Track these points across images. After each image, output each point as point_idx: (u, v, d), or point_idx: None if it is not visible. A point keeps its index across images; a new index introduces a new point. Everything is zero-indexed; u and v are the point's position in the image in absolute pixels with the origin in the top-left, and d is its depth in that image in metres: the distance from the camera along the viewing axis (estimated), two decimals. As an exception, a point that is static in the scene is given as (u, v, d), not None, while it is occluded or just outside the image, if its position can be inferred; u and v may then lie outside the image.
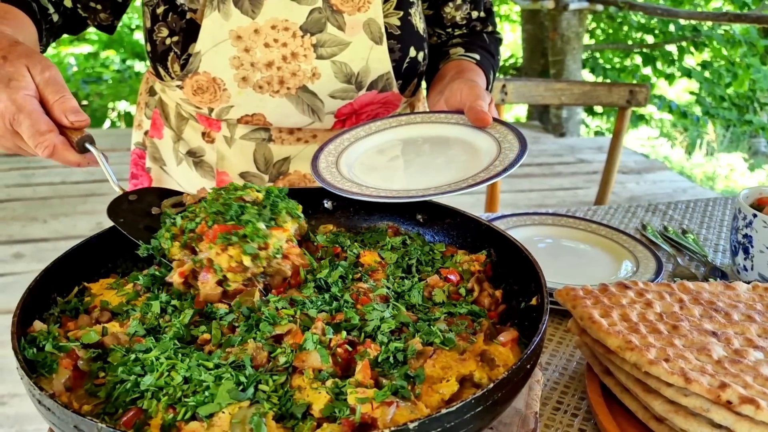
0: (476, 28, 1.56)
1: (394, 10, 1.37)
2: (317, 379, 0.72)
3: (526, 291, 0.89)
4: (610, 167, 2.84)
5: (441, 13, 1.51)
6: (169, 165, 1.54)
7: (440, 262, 1.01)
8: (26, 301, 0.81)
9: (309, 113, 1.37)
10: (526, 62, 7.68)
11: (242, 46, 1.29)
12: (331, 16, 1.30)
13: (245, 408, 0.67)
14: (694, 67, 7.03)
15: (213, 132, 1.44)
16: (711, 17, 5.77)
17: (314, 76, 1.33)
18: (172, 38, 1.31)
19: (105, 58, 8.78)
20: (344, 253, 1.00)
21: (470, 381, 0.75)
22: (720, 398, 0.78)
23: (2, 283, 3.66)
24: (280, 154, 1.44)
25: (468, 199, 4.99)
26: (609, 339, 0.89)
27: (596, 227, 1.46)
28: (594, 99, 2.87)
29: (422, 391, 0.71)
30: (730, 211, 1.71)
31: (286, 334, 0.79)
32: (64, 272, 0.91)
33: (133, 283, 0.93)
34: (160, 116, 1.52)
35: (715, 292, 1.02)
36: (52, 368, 0.73)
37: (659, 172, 5.90)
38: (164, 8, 1.31)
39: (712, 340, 0.89)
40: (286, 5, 1.28)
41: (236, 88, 1.32)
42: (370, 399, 0.67)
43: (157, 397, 0.69)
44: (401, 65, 1.40)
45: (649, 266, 1.29)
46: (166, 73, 1.35)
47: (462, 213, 1.05)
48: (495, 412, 0.68)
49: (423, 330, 0.81)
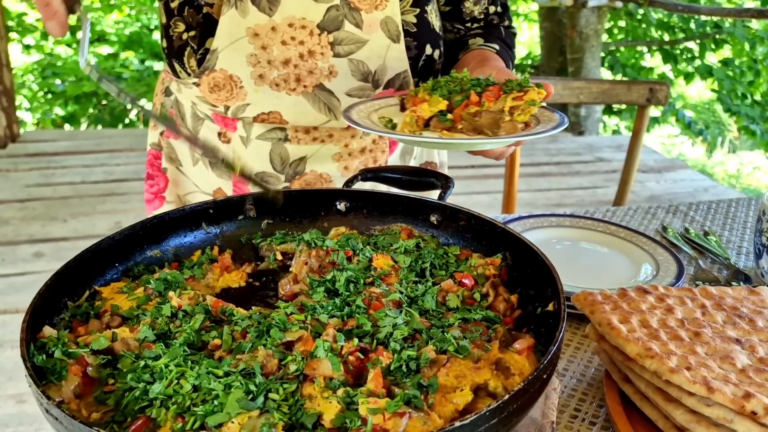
0: (493, 22, 1.56)
1: (410, 7, 1.36)
2: (328, 388, 0.70)
3: (543, 296, 0.87)
4: (630, 166, 2.79)
5: (461, 7, 1.51)
6: (185, 165, 1.54)
7: (454, 266, 0.99)
8: (36, 305, 0.80)
9: (325, 111, 1.37)
10: (544, 60, 7.61)
11: (259, 43, 1.28)
12: (348, 14, 1.30)
13: (255, 418, 0.66)
14: (716, 64, 6.92)
15: (229, 132, 1.44)
16: (733, 13, 5.68)
17: (331, 74, 1.32)
18: (189, 33, 1.31)
19: (124, 59, 8.86)
20: (356, 257, 0.99)
21: (485, 390, 0.73)
22: (744, 408, 0.76)
23: (23, 282, 3.71)
24: (296, 153, 1.43)
25: (485, 199, 4.97)
26: (628, 346, 0.87)
27: (615, 229, 1.43)
28: (613, 97, 2.83)
29: (435, 401, 0.69)
30: (753, 212, 1.67)
31: (297, 340, 0.77)
32: (75, 277, 0.90)
33: (144, 287, 0.92)
34: (176, 116, 1.52)
35: (738, 298, 0.99)
36: (61, 375, 0.73)
37: (680, 171, 5.82)
38: (179, 2, 1.31)
39: (735, 347, 0.86)
40: (303, 3, 1.28)
41: (253, 85, 1.32)
42: (382, 410, 0.65)
43: (166, 405, 0.68)
44: (417, 63, 1.39)
45: (669, 269, 1.26)
46: (182, 69, 1.35)
47: (476, 215, 1.03)
48: (510, 423, 0.66)
49: (437, 337, 0.79)
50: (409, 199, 1.09)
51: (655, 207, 1.68)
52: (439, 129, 1.13)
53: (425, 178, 1.22)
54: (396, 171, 1.25)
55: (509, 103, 1.09)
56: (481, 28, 1.55)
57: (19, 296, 3.56)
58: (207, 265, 1.03)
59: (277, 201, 1.11)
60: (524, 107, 1.10)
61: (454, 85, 1.17)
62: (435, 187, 1.19)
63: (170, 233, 1.04)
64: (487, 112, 1.10)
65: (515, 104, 1.10)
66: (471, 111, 1.11)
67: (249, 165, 1.43)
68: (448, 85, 1.17)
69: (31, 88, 8.16)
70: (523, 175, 5.24)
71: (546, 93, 1.13)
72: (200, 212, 1.07)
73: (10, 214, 4.55)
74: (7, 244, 4.15)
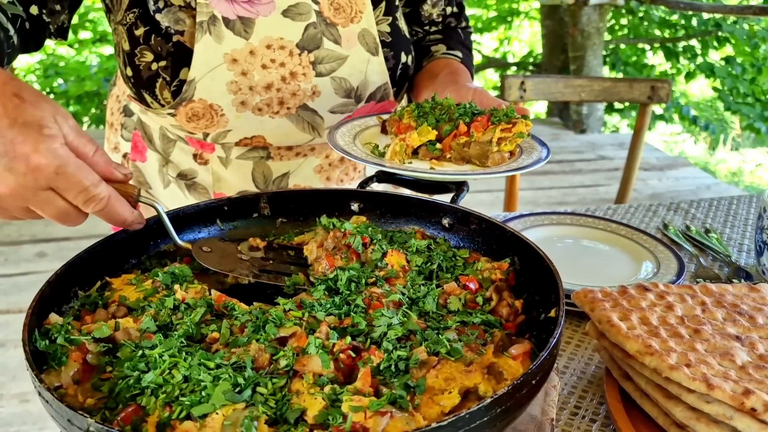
0: (451, 24, 1.56)
1: (383, 16, 1.35)
2: (316, 384, 0.71)
3: (547, 302, 0.86)
4: (632, 164, 2.79)
5: (419, 11, 1.50)
6: (155, 188, 1.46)
7: (461, 269, 0.99)
8: (44, 293, 0.81)
9: (309, 130, 1.35)
10: (546, 58, 7.61)
11: (239, 69, 1.23)
12: (326, 30, 1.27)
13: (239, 410, 0.66)
14: (717, 62, 6.91)
15: (206, 153, 1.38)
16: (735, 11, 5.67)
17: (314, 94, 1.30)
18: (158, 63, 1.22)
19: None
20: (372, 245, 0.98)
21: (475, 394, 0.72)
22: (744, 405, 0.76)
23: (26, 282, 3.72)
24: (279, 170, 1.40)
25: (487, 197, 4.96)
26: (628, 343, 0.87)
27: (616, 227, 1.43)
28: (615, 95, 2.82)
29: (422, 403, 0.69)
30: (755, 210, 1.66)
31: (290, 336, 0.77)
32: (87, 267, 0.91)
33: (152, 280, 0.93)
34: (141, 138, 1.43)
35: (738, 295, 0.99)
36: (61, 361, 0.74)
37: (682, 169, 5.81)
38: (144, 30, 1.22)
39: (735, 344, 0.86)
40: (279, 23, 1.24)
41: (234, 112, 1.27)
42: (364, 408, 0.65)
43: (156, 394, 0.69)
44: (395, 72, 1.38)
45: (670, 267, 1.26)
46: (153, 100, 1.27)
47: (487, 219, 1.03)
48: (495, 427, 0.66)
49: (431, 339, 0.79)
50: (422, 201, 1.09)
51: (656, 205, 1.68)
52: (428, 158, 1.17)
53: (440, 181, 1.21)
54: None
55: (497, 135, 1.13)
56: (440, 32, 1.54)
57: (22, 296, 3.57)
58: None
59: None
60: (512, 138, 1.15)
61: (441, 112, 1.18)
62: (449, 190, 1.19)
63: (184, 228, 1.04)
64: (476, 143, 1.14)
65: (503, 135, 1.14)
66: (460, 141, 1.15)
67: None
68: (433, 112, 1.19)
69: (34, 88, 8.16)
70: (525, 173, 5.24)
71: (531, 124, 1.18)
72: (215, 209, 1.08)
73: (12, 214, 4.56)
74: (10, 244, 4.16)
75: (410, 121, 1.18)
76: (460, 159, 1.16)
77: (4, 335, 3.23)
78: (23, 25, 1.18)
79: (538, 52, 8.77)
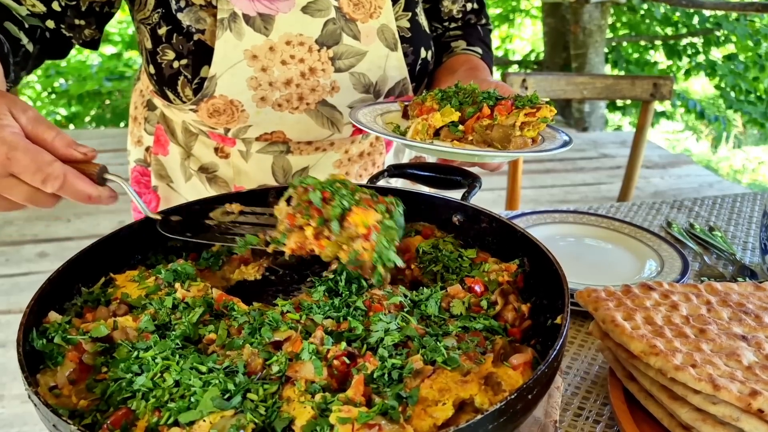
0: (471, 21, 1.56)
1: (403, 11, 1.35)
2: (308, 392, 0.69)
3: (555, 307, 0.84)
4: (634, 162, 2.78)
5: (439, 6, 1.50)
6: (177, 182, 1.49)
7: (467, 270, 0.96)
8: (44, 291, 0.81)
9: (329, 126, 1.35)
10: (548, 56, 7.59)
11: (259, 65, 1.25)
12: (345, 26, 1.28)
13: (227, 418, 0.65)
14: (719, 60, 6.89)
15: (227, 147, 1.40)
16: (738, 7, 5.64)
17: (333, 89, 1.31)
18: (180, 61, 1.25)
19: (128, 59, 8.87)
20: (332, 201, 0.92)
21: (471, 406, 0.70)
22: (751, 406, 0.74)
23: (27, 282, 3.71)
24: (298, 164, 1.41)
25: (489, 195, 4.95)
26: (632, 343, 0.86)
27: (619, 225, 1.42)
28: (617, 93, 2.81)
29: (414, 414, 0.67)
30: (759, 207, 1.65)
31: (285, 340, 0.76)
32: (91, 263, 0.91)
33: (155, 277, 0.92)
34: (164, 132, 1.46)
35: (744, 294, 0.98)
36: (57, 361, 0.73)
37: (684, 167, 5.79)
38: (167, 29, 1.24)
39: (741, 344, 0.85)
40: (298, 19, 1.25)
41: (255, 108, 1.29)
42: (353, 419, 0.63)
43: (146, 398, 0.69)
44: (414, 67, 1.38)
45: (674, 266, 1.25)
46: (176, 97, 1.29)
47: (498, 218, 1.01)
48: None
49: (429, 346, 0.76)
50: (431, 197, 1.07)
51: (659, 203, 1.67)
52: (450, 139, 1.14)
53: (452, 176, 1.20)
54: (422, 168, 1.23)
55: (521, 119, 1.10)
56: (460, 28, 1.54)
57: (23, 296, 3.57)
58: (225, 257, 1.03)
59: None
60: (535, 123, 1.12)
61: (465, 96, 1.17)
62: (461, 185, 1.17)
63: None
64: (498, 126, 1.11)
65: (527, 120, 1.11)
66: (483, 123, 1.12)
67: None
68: (457, 96, 1.17)
69: (35, 87, 8.18)
70: (527, 171, 5.23)
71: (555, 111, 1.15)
72: (222, 204, 1.06)
73: (13, 214, 4.55)
74: (11, 244, 4.15)
75: (433, 104, 1.16)
76: (482, 142, 1.13)
77: (4, 335, 3.22)
78: (43, 34, 1.23)
79: (540, 50, 8.75)
